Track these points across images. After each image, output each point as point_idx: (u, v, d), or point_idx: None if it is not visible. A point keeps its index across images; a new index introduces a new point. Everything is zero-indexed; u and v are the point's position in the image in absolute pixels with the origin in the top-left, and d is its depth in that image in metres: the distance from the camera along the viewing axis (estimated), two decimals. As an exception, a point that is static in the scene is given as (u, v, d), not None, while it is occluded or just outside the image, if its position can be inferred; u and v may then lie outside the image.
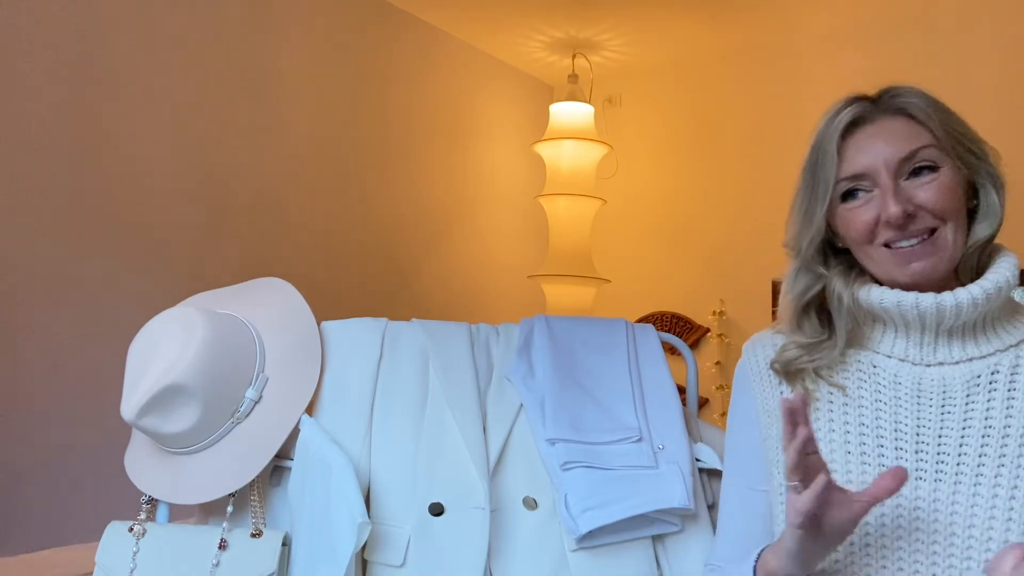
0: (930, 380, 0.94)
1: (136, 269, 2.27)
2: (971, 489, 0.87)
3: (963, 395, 0.92)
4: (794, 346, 1.01)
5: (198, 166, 2.46)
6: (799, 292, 1.02)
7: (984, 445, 0.89)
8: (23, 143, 2.06)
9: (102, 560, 1.21)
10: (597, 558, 1.21)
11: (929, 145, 0.94)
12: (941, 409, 0.92)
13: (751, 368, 1.07)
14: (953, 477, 0.89)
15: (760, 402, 1.05)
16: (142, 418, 1.21)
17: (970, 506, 0.87)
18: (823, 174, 0.97)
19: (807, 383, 1.00)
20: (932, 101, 0.96)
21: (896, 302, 0.94)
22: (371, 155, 3.03)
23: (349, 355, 1.36)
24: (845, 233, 0.99)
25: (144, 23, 2.32)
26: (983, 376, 0.92)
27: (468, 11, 3.18)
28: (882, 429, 0.94)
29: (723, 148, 3.46)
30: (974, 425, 0.90)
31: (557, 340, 1.44)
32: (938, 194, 0.93)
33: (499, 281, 3.55)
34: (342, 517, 1.14)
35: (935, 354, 0.95)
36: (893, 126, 0.96)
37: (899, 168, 0.94)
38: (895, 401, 0.94)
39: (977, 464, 0.88)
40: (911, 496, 0.89)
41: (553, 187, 3.32)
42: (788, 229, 1.03)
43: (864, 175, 0.95)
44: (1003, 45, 2.86)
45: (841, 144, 0.96)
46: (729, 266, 3.38)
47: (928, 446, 0.91)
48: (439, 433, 1.29)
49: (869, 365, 0.98)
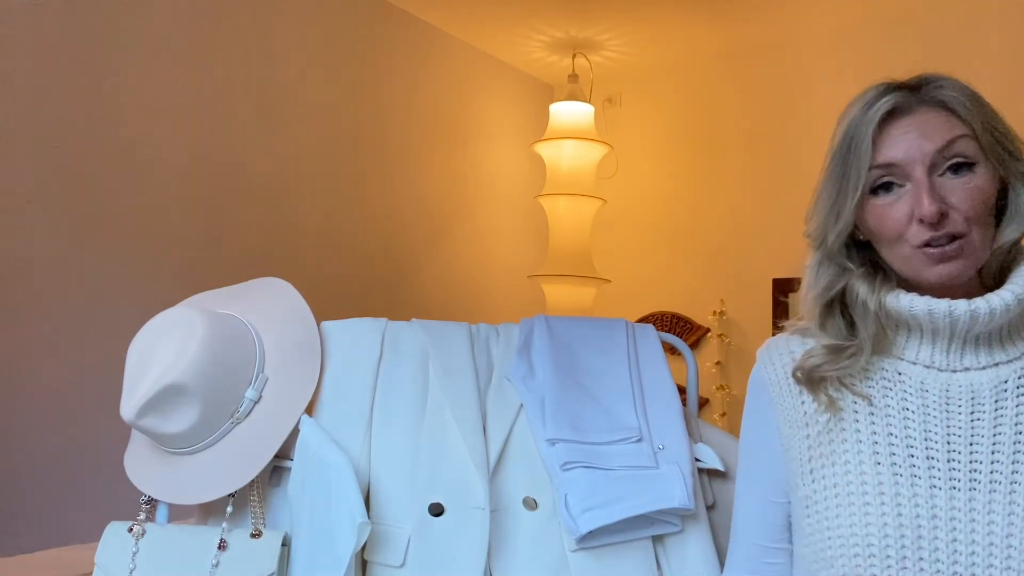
0: (958, 386, 0.92)
1: (136, 269, 2.27)
2: (1007, 497, 0.86)
3: (992, 400, 0.90)
4: (820, 352, 0.98)
5: (198, 166, 2.45)
6: (823, 287, 0.99)
7: (1017, 451, 0.87)
8: (23, 142, 2.06)
9: (102, 560, 1.21)
10: (597, 558, 1.21)
11: (966, 136, 0.91)
12: (971, 416, 0.90)
13: (769, 376, 1.04)
14: (988, 485, 0.87)
15: (781, 412, 1.02)
16: (142, 418, 1.21)
17: (1007, 514, 0.85)
18: (856, 164, 0.93)
19: (831, 391, 0.97)
20: (972, 95, 0.93)
21: (928, 310, 0.92)
22: (371, 155, 3.03)
23: (349, 355, 1.36)
24: (875, 228, 0.95)
25: (144, 23, 2.32)
26: (1011, 380, 0.90)
27: (468, 11, 3.18)
28: (911, 439, 0.91)
29: (723, 148, 3.46)
30: (1005, 431, 0.88)
31: (557, 340, 1.44)
32: (972, 197, 0.90)
33: (499, 281, 3.55)
34: (342, 517, 1.13)
35: (962, 360, 0.93)
36: (929, 118, 0.92)
37: (934, 162, 0.90)
38: (923, 409, 0.92)
39: (1012, 471, 0.87)
40: (946, 507, 0.88)
41: (553, 187, 3.32)
42: (811, 219, 0.99)
43: (896, 166, 0.91)
44: (1004, 45, 2.86)
45: (877, 134, 0.92)
46: (729, 266, 3.38)
47: (960, 454, 0.89)
48: (439, 433, 1.29)
49: (894, 373, 0.95)
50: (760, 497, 1.04)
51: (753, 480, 1.07)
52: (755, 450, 1.07)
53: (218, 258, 2.48)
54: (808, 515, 0.96)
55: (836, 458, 0.95)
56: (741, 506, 1.09)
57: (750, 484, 1.08)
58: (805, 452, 0.98)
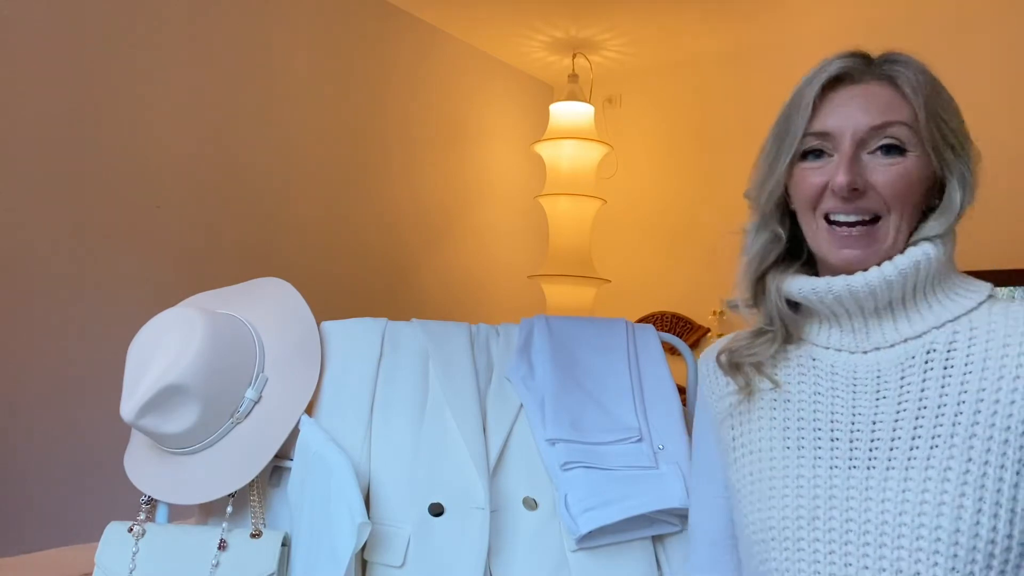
0: (865, 367, 0.90)
1: (136, 269, 2.27)
2: (902, 474, 0.83)
3: (897, 378, 0.88)
4: (744, 336, 0.99)
5: (198, 166, 2.45)
6: (755, 254, 0.97)
7: (917, 428, 0.84)
8: (23, 142, 2.06)
9: (102, 560, 1.21)
10: (597, 558, 1.21)
11: (904, 123, 0.88)
12: (876, 395, 0.88)
13: (704, 373, 1.06)
14: (885, 463, 0.84)
15: (714, 402, 1.04)
16: (142, 418, 1.21)
17: (901, 491, 0.82)
18: (793, 125, 0.92)
19: (749, 376, 0.97)
20: (927, 80, 0.90)
21: (811, 289, 0.92)
22: (371, 155, 3.03)
23: (349, 355, 1.36)
24: (794, 193, 0.94)
25: (145, 22, 2.32)
26: (917, 356, 0.88)
27: (468, 11, 3.18)
28: (819, 422, 0.91)
29: (723, 148, 3.46)
30: (908, 408, 0.86)
31: (557, 340, 1.44)
32: (895, 180, 0.87)
33: (499, 281, 3.55)
34: (342, 517, 1.13)
35: (868, 339, 0.91)
36: (875, 92, 0.90)
37: (866, 137, 0.88)
38: (831, 392, 0.91)
39: (909, 448, 0.84)
40: (844, 486, 0.86)
41: (553, 187, 3.32)
42: (752, 177, 0.98)
43: (830, 135, 0.90)
44: (1003, 45, 2.86)
45: (819, 98, 0.91)
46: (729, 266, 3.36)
47: (863, 434, 0.87)
48: (439, 433, 1.29)
49: (808, 359, 0.95)
50: (710, 494, 1.04)
51: (703, 478, 1.07)
52: (700, 444, 1.08)
53: (218, 258, 2.48)
54: (735, 504, 0.97)
55: (752, 445, 0.96)
56: (694, 504, 1.09)
57: (700, 483, 1.08)
58: (730, 441, 0.99)
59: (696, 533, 1.08)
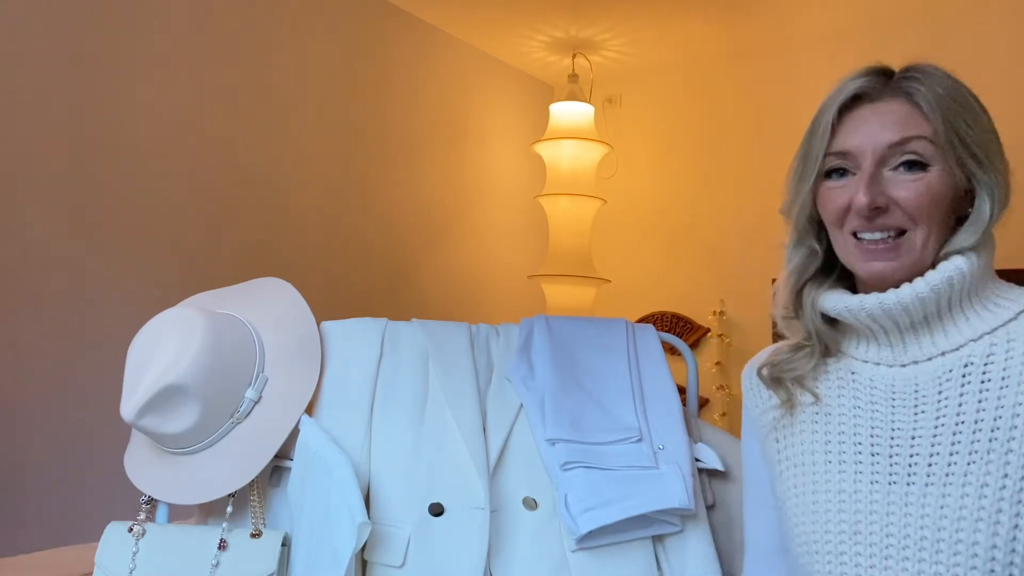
0: (903, 380, 0.91)
1: (136, 269, 2.27)
2: (941, 491, 0.83)
3: (935, 392, 0.88)
4: (784, 350, 1.00)
5: (198, 166, 2.45)
6: (795, 268, 0.98)
7: (955, 443, 0.84)
8: (24, 141, 2.06)
9: (102, 560, 1.21)
10: (597, 558, 1.21)
11: (923, 137, 0.88)
12: (914, 409, 0.89)
13: (747, 387, 1.06)
14: (924, 479, 0.85)
15: (757, 418, 1.04)
16: (142, 418, 1.21)
17: (939, 507, 0.83)
18: (815, 146, 0.93)
19: (791, 390, 0.98)
20: (947, 92, 0.90)
21: (844, 306, 0.93)
22: (371, 155, 3.03)
23: (349, 355, 1.36)
24: (821, 211, 0.95)
25: (145, 23, 2.32)
26: (955, 371, 0.87)
27: (468, 11, 3.18)
28: (859, 436, 0.91)
29: (723, 148, 3.46)
30: (946, 423, 0.86)
31: (557, 340, 1.44)
32: (917, 196, 0.88)
33: (499, 281, 3.55)
34: (342, 517, 1.13)
35: (906, 353, 0.91)
36: (893, 109, 0.90)
37: (886, 155, 0.89)
38: (871, 406, 0.92)
39: (947, 463, 0.84)
40: (884, 502, 0.87)
41: (553, 187, 3.32)
42: (785, 194, 0.99)
43: (850, 154, 0.91)
44: (1005, 44, 2.86)
45: (838, 118, 0.92)
46: (729, 266, 3.38)
47: (902, 448, 0.88)
48: (439, 433, 1.29)
49: (848, 372, 0.96)
50: (762, 503, 1.05)
51: (752, 487, 1.08)
52: (748, 457, 1.09)
53: (218, 258, 2.48)
54: (783, 516, 0.97)
55: (796, 459, 0.96)
56: (747, 516, 1.09)
57: (752, 495, 1.08)
58: (775, 455, 1.00)
59: (751, 544, 1.09)
